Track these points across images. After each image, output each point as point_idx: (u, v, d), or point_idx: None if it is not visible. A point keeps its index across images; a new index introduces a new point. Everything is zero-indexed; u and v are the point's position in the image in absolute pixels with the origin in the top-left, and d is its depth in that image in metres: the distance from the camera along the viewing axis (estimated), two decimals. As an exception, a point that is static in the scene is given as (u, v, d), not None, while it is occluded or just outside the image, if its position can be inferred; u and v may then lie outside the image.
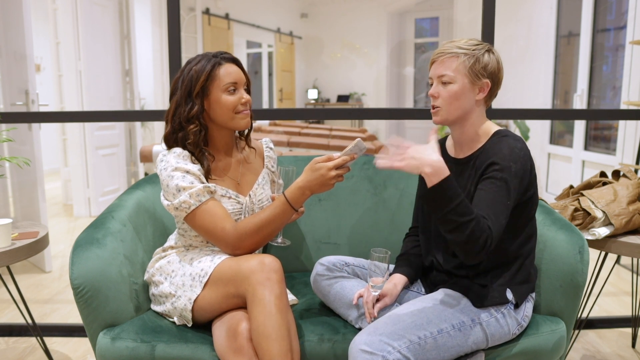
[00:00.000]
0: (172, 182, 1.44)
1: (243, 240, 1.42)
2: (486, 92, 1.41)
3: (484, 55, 1.39)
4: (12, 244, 1.76)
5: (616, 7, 4.43)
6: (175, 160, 1.46)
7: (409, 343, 1.27)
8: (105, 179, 4.75)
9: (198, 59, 1.51)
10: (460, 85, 1.39)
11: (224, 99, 1.49)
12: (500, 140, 1.38)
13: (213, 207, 1.44)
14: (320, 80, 9.91)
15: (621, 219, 1.79)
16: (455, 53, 1.38)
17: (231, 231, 1.42)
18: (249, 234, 1.42)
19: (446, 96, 1.40)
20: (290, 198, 1.41)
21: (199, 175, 1.46)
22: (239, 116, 1.52)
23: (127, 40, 5.03)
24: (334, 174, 1.37)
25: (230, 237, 1.42)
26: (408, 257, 1.59)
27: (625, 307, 2.67)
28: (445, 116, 1.41)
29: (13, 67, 3.13)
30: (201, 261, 1.45)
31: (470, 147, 1.46)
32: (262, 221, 1.42)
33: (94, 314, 1.43)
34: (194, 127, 1.49)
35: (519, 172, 1.33)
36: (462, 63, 1.38)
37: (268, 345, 1.26)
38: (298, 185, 1.40)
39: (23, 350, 2.25)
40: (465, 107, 1.40)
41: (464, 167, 1.45)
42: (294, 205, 1.42)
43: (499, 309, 1.39)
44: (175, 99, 1.51)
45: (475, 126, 1.44)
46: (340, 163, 1.37)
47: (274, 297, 1.30)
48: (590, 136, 4.66)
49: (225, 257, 1.43)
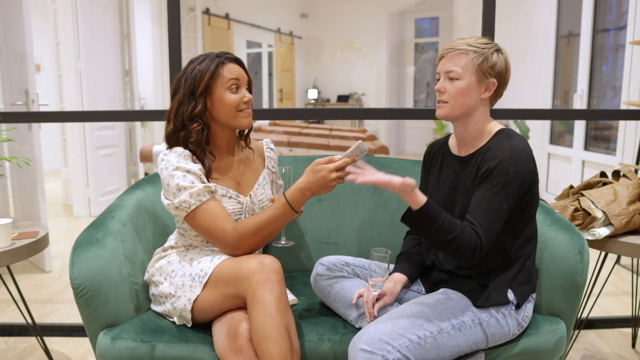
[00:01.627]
0: (173, 182, 1.44)
1: (243, 240, 1.42)
2: (492, 91, 1.41)
3: (493, 54, 1.39)
4: (12, 244, 1.76)
5: (616, 7, 4.43)
6: (176, 160, 1.46)
7: (409, 342, 1.27)
8: (105, 179, 4.75)
9: (201, 59, 1.51)
10: (467, 82, 1.39)
11: (227, 97, 1.50)
12: (503, 140, 1.38)
13: (213, 207, 1.44)
14: (320, 80, 9.91)
15: (621, 219, 1.79)
16: (464, 50, 1.39)
17: (231, 231, 1.42)
18: (248, 234, 1.42)
19: (452, 92, 1.40)
20: (291, 199, 1.41)
21: (200, 175, 1.46)
22: (242, 115, 1.52)
23: (127, 40, 5.03)
24: (334, 175, 1.37)
25: (230, 238, 1.42)
26: (408, 255, 1.59)
27: (625, 307, 2.67)
28: (449, 112, 1.42)
29: (13, 67, 3.13)
30: (201, 261, 1.45)
31: (472, 145, 1.46)
32: (262, 222, 1.42)
33: (94, 314, 1.43)
34: (196, 125, 1.49)
35: (519, 174, 1.33)
36: (470, 60, 1.38)
37: (268, 346, 1.26)
38: (299, 187, 1.40)
39: (23, 350, 2.25)
40: (470, 104, 1.41)
41: (466, 165, 1.45)
42: (295, 207, 1.42)
43: (499, 309, 1.39)
44: (178, 97, 1.51)
45: (479, 124, 1.44)
46: (341, 165, 1.37)
47: (274, 297, 1.30)
48: (590, 136, 4.66)
49: (224, 258, 1.43)
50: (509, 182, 1.32)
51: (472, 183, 1.40)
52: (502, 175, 1.33)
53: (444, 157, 1.55)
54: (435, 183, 1.54)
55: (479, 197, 1.34)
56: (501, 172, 1.33)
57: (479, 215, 1.32)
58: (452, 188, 1.48)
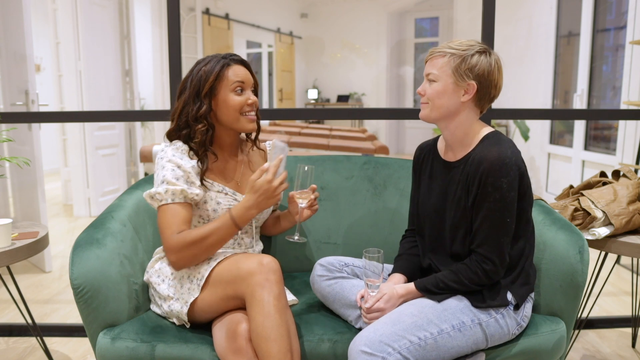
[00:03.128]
0: (161, 172, 1.47)
1: (183, 249, 1.39)
2: (472, 94, 1.39)
3: (473, 56, 1.37)
4: (12, 244, 1.76)
5: (616, 7, 4.43)
6: (172, 153, 1.49)
7: (409, 344, 1.27)
8: (105, 179, 4.75)
9: (207, 60, 1.52)
10: (443, 85, 1.39)
11: (231, 99, 1.50)
12: (489, 148, 1.36)
13: (177, 211, 1.43)
14: (320, 80, 9.91)
15: (621, 219, 1.79)
16: (443, 52, 1.39)
17: (175, 237, 1.40)
18: (189, 243, 1.39)
19: (430, 94, 1.41)
20: (236, 215, 1.41)
21: (189, 173, 1.46)
22: (245, 118, 1.53)
23: (127, 40, 5.03)
24: (276, 184, 1.39)
25: (171, 242, 1.40)
26: (407, 257, 1.59)
27: (625, 307, 2.67)
28: (429, 113, 1.43)
29: (13, 67, 3.13)
30: (199, 263, 1.45)
31: (460, 150, 1.46)
32: (204, 233, 1.40)
33: (94, 314, 1.43)
34: (201, 126, 1.50)
35: (513, 183, 1.34)
36: (447, 62, 1.38)
37: (267, 347, 1.26)
38: (244, 205, 1.41)
39: (23, 350, 2.25)
40: (448, 106, 1.40)
41: (454, 171, 1.45)
42: (238, 223, 1.41)
43: (498, 310, 1.39)
44: (184, 97, 1.52)
45: (464, 128, 1.43)
46: (274, 171, 1.39)
47: (273, 298, 1.30)
48: (590, 136, 4.67)
49: (221, 259, 1.43)
50: (505, 196, 1.33)
51: (462, 191, 1.41)
52: (498, 191, 1.33)
53: (433, 161, 1.55)
54: (427, 190, 1.55)
55: (481, 218, 1.36)
56: (495, 187, 1.33)
57: (484, 237, 1.36)
58: (442, 195, 1.48)
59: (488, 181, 1.33)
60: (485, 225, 1.35)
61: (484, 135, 1.43)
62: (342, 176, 1.98)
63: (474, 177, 1.36)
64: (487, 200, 1.34)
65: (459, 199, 1.41)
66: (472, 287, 1.38)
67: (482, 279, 1.37)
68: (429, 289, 1.40)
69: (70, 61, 4.45)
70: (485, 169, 1.34)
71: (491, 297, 1.39)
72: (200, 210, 1.52)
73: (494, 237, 1.35)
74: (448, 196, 1.46)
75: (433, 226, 1.51)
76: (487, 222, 1.35)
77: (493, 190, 1.33)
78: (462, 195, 1.40)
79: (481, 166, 1.34)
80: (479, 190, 1.35)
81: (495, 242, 1.35)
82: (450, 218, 1.44)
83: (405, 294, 1.42)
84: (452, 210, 1.43)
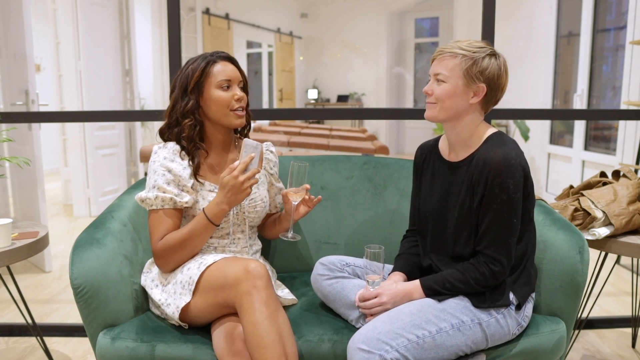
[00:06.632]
0: (153, 177, 1.50)
1: (167, 254, 1.47)
2: (481, 96, 1.39)
3: (484, 58, 1.36)
4: (12, 244, 1.76)
5: (616, 7, 4.43)
6: (163, 156, 1.52)
7: (407, 342, 1.27)
8: (105, 179, 4.75)
9: (195, 58, 1.56)
10: (453, 86, 1.38)
11: (216, 95, 1.53)
12: (494, 149, 1.36)
13: (165, 217, 1.49)
14: (320, 80, 9.90)
15: (621, 219, 1.79)
16: (454, 53, 1.38)
17: (159, 244, 1.48)
18: (172, 247, 1.46)
19: (438, 95, 1.40)
20: (209, 213, 1.46)
21: (180, 177, 1.50)
22: (233, 114, 1.54)
23: (127, 40, 5.02)
24: (242, 179, 1.41)
25: (155, 249, 1.48)
26: (407, 256, 1.59)
27: (625, 307, 2.67)
28: (436, 114, 1.42)
29: (13, 67, 3.13)
30: (190, 268, 1.45)
31: (463, 150, 1.45)
32: (184, 236, 1.46)
33: (94, 314, 1.43)
34: (188, 121, 1.53)
35: (519, 184, 1.34)
36: (458, 64, 1.37)
37: (260, 355, 1.27)
38: (215, 202, 1.45)
39: (23, 350, 2.25)
40: (457, 108, 1.40)
41: (457, 172, 1.45)
42: (213, 220, 1.46)
43: (499, 310, 1.39)
44: (174, 95, 1.57)
45: (470, 129, 1.43)
46: (243, 167, 1.41)
47: (261, 304, 1.30)
48: (590, 136, 4.66)
49: (210, 262, 1.42)
50: (512, 197, 1.33)
51: (466, 192, 1.40)
52: (505, 192, 1.33)
53: (435, 162, 1.54)
54: (428, 190, 1.54)
55: (489, 219, 1.36)
56: (502, 189, 1.33)
57: (492, 238, 1.35)
58: (444, 196, 1.48)
59: (495, 183, 1.33)
60: (493, 226, 1.35)
61: (488, 136, 1.43)
62: (342, 176, 1.98)
63: (479, 178, 1.36)
64: (494, 201, 1.34)
65: (463, 200, 1.41)
66: (477, 289, 1.38)
67: (488, 281, 1.36)
68: (434, 287, 1.39)
69: (70, 61, 4.45)
70: (491, 170, 1.33)
71: (493, 297, 1.39)
72: (193, 210, 1.54)
73: (502, 238, 1.35)
74: (451, 197, 1.45)
75: (435, 226, 1.50)
76: (495, 223, 1.35)
77: (500, 191, 1.33)
78: (466, 196, 1.40)
79: (487, 168, 1.34)
80: (486, 192, 1.35)
81: (503, 243, 1.35)
82: (453, 219, 1.44)
83: (407, 291, 1.41)
84: (455, 211, 1.43)
